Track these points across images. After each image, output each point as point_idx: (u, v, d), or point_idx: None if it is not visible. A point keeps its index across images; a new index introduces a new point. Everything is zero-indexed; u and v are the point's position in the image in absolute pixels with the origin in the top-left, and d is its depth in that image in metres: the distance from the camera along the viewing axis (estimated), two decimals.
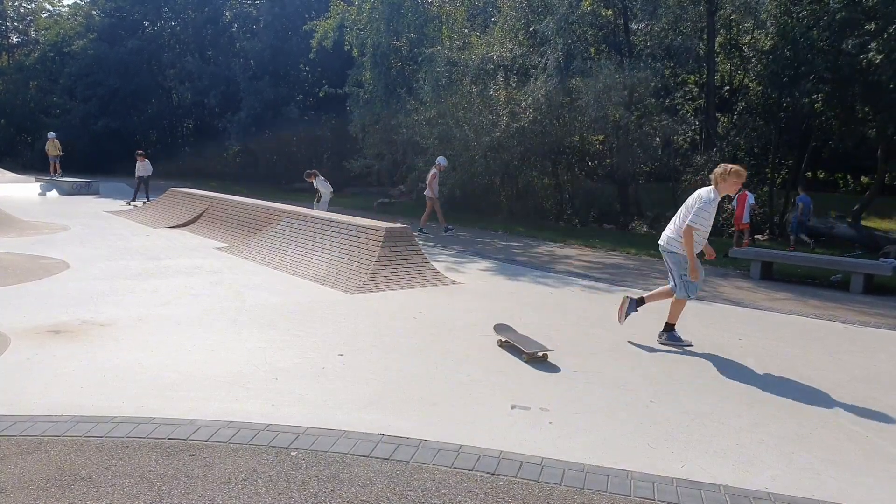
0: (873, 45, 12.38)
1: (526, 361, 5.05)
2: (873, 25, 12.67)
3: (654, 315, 6.51)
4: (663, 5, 15.72)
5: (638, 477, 3.26)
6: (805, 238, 14.13)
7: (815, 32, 14.08)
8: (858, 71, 13.39)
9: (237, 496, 2.96)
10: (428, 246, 11.45)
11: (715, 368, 5.14)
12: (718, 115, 17.43)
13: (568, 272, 9.69)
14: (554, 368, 4.96)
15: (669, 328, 5.81)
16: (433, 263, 8.93)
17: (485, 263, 10.27)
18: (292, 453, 3.40)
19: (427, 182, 14.19)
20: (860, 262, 9.52)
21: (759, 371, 5.12)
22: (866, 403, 4.47)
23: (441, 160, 14.41)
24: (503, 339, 5.51)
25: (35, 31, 40.96)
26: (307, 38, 23.82)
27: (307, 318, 6.30)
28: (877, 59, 12.33)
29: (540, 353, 5.10)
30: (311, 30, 22.97)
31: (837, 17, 13.29)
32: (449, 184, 17.49)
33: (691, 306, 7.64)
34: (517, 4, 17.19)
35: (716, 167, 5.54)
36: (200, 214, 13.26)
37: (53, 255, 9.24)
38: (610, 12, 17.20)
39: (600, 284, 8.74)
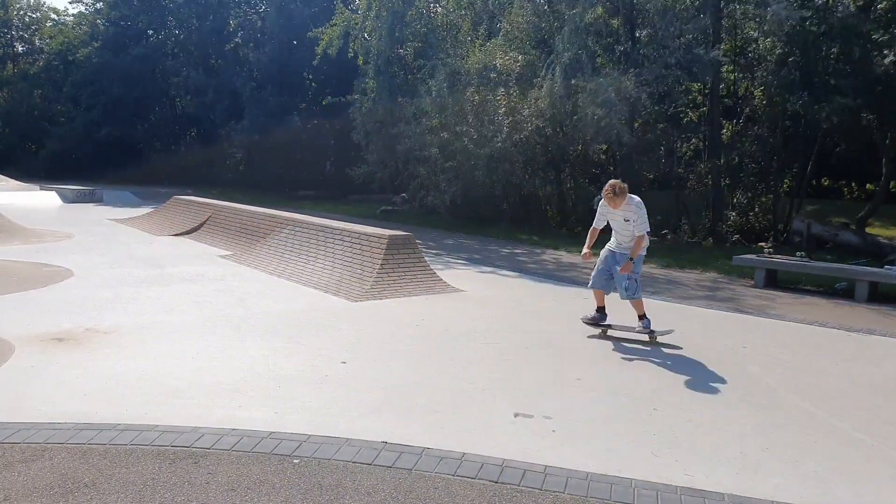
0: (888, 54, 12.31)
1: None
2: (884, 34, 12.63)
3: (659, 324, 6.49)
4: (669, 13, 15.72)
5: (641, 485, 3.25)
6: None
7: (823, 40, 14.06)
8: (867, 79, 13.36)
9: None
10: (431, 254, 11.45)
11: (719, 376, 5.12)
12: (723, 121, 17.41)
13: (572, 280, 9.68)
14: (557, 376, 4.95)
15: (645, 318, 6.18)
16: (436, 271, 8.94)
17: (488, 271, 10.27)
18: (295, 461, 3.40)
19: None
20: (865, 269, 9.48)
21: (763, 378, 5.09)
22: (871, 411, 4.45)
23: None
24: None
25: (40, 39, 41.22)
26: (312, 46, 23.90)
27: (310, 325, 6.30)
28: (882, 65, 12.30)
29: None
30: (316, 38, 23.06)
31: (847, 23, 13.26)
32: (451, 192, 17.51)
33: (696, 313, 7.62)
34: (524, 12, 17.20)
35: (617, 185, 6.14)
36: (204, 222, 13.29)
37: (57, 263, 9.26)
38: (616, 21, 17.22)
39: None
